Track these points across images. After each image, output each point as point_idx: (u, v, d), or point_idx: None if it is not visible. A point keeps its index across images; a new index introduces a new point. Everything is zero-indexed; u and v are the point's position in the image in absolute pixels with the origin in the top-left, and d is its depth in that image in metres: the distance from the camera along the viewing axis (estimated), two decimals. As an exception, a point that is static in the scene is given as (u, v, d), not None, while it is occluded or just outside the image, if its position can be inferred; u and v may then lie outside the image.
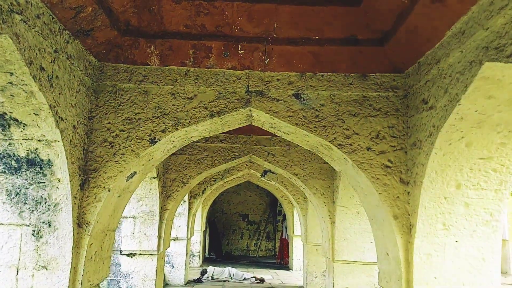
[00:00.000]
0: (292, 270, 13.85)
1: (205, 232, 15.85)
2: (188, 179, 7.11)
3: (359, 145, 3.69)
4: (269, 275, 12.64)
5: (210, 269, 11.28)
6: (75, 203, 3.43)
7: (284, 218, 15.55)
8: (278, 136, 7.27)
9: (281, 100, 3.76)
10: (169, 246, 7.48)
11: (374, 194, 3.74)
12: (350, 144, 3.70)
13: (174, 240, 10.16)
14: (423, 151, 3.40)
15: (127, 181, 3.89)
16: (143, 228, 6.75)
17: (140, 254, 6.76)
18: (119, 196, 3.93)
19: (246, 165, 10.37)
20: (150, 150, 3.77)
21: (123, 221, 6.75)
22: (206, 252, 17.06)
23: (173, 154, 7.17)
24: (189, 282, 10.53)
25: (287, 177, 7.75)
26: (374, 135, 3.69)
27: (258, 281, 11.09)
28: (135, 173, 3.94)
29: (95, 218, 3.55)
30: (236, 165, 10.25)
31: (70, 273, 3.37)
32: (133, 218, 6.75)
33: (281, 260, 15.02)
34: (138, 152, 3.66)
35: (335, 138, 3.73)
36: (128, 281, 6.67)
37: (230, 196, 18.40)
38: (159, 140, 3.69)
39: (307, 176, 7.21)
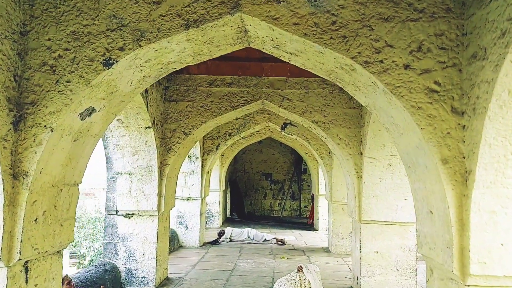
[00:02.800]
0: (317, 230, 13.04)
1: (225, 192, 15.15)
2: (190, 129, 6.18)
3: (393, 61, 2.62)
4: (292, 236, 11.87)
5: (228, 230, 10.57)
6: (5, 147, 2.55)
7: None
8: (295, 77, 6.18)
9: (283, 0, 2.68)
10: (173, 206, 6.68)
11: (414, 130, 2.71)
12: (381, 61, 2.64)
13: (188, 199, 9.42)
14: (489, 63, 2.31)
15: (82, 120, 2.97)
16: (141, 186, 5.94)
17: (138, 214, 5.98)
18: (74, 141, 3.02)
19: (264, 117, 9.40)
20: (107, 77, 2.80)
21: (117, 178, 5.95)
22: (228, 212, 16.45)
23: (171, 100, 6.22)
24: (205, 244, 9.86)
25: (306, 126, 6.70)
26: (415, 48, 2.61)
27: (279, 242, 10.32)
28: (93, 109, 3.01)
29: (36, 167, 2.67)
30: (252, 117, 9.28)
31: (1, 239, 2.55)
32: (129, 174, 5.94)
33: (312, 221, 14.15)
34: (89, 78, 2.71)
35: (359, 53, 2.66)
36: (127, 244, 5.95)
37: (252, 155, 17.55)
38: (117, 62, 2.72)
39: (329, 124, 6.15)
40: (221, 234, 10.46)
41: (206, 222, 13.05)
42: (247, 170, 17.61)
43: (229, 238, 10.43)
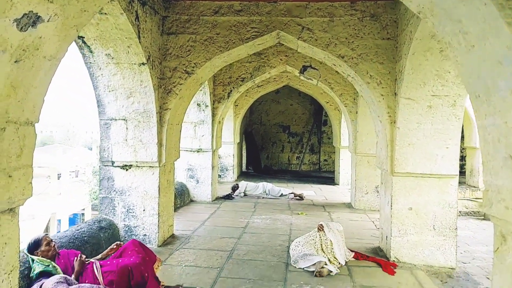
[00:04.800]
0: (338, 185, 12.28)
1: (240, 144, 14.40)
2: (193, 67, 5.29)
3: None
4: (311, 190, 11.15)
5: (242, 184, 9.87)
6: None
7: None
8: (317, 1, 5.14)
9: None
10: (178, 158, 5.91)
11: (498, 34, 1.82)
12: None
13: (198, 151, 8.68)
14: None
15: (22, 31, 2.11)
16: (138, 133, 5.16)
17: (137, 166, 5.24)
18: (16, 62, 2.19)
19: (280, 59, 8.42)
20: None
21: (111, 124, 5.16)
22: (243, 166, 15.78)
23: (170, 33, 5.29)
24: (217, 198, 9.21)
25: (330, 64, 5.73)
26: None
27: (297, 197, 9.60)
28: (37, 17, 2.15)
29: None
30: (267, 59, 8.31)
31: None
32: (124, 120, 5.14)
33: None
34: (14, -41, 1.82)
35: None
36: (125, 199, 5.26)
37: (268, 105, 16.59)
38: None
39: (358, 59, 5.16)
40: (235, 188, 9.79)
41: (220, 176, 12.42)
42: (263, 122, 16.73)
43: (244, 192, 9.75)
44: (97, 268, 3.68)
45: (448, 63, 4.59)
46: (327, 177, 14.09)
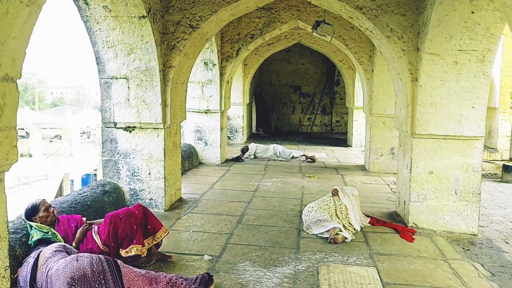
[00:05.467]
0: (351, 147, 11.97)
1: (249, 105, 14.02)
2: (198, 21, 4.89)
3: None
4: (323, 152, 10.86)
5: (252, 146, 9.59)
6: None
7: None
8: None
9: None
10: (184, 119, 5.61)
11: None
12: None
13: (206, 113, 8.37)
14: None
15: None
16: (141, 93, 4.84)
17: (140, 127, 4.97)
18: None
19: (292, 14, 7.93)
20: None
21: (112, 83, 4.85)
22: (253, 128, 15.48)
23: (173, -18, 4.86)
24: (227, 161, 8.98)
25: (346, 17, 5.28)
26: None
27: (308, 160, 9.33)
28: None
29: None
30: (278, 14, 7.83)
31: None
32: (125, 78, 4.82)
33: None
34: None
35: None
36: (129, 162, 5.03)
37: (279, 65, 16.05)
38: None
39: (378, 10, 4.71)
40: (244, 150, 9.54)
41: (229, 137, 12.17)
42: (273, 82, 16.26)
43: (254, 155, 9.50)
44: (94, 232, 3.50)
45: (478, 14, 4.13)
46: (340, 139, 13.76)
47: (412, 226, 4.82)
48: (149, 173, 5.04)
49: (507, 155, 11.11)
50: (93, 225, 3.59)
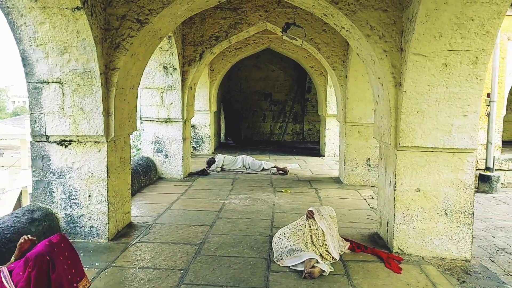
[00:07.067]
0: (324, 156, 11.40)
1: (217, 113, 13.27)
2: (147, 15, 4.14)
3: None
4: (296, 163, 10.23)
5: (219, 158, 8.84)
6: None
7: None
8: None
9: None
10: (134, 130, 4.82)
11: None
12: None
13: (166, 122, 7.58)
14: None
15: None
16: (78, 100, 4.04)
17: (78, 141, 4.16)
18: None
19: (260, 15, 7.29)
20: None
21: (42, 89, 4.02)
22: (222, 137, 14.71)
23: (116, -32, 4.10)
24: (190, 174, 8.18)
25: (320, 15, 4.66)
26: None
27: (280, 171, 8.66)
28: None
29: None
30: (244, 15, 7.18)
31: None
32: (59, 83, 4.01)
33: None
34: None
35: None
36: (65, 182, 4.20)
37: (249, 71, 15.39)
38: None
39: (356, 5, 4.10)
40: (210, 162, 8.77)
41: (195, 148, 11.37)
42: (243, 89, 15.57)
43: (221, 167, 8.74)
44: (5, 277, 2.68)
45: (472, 8, 3.57)
46: (312, 148, 13.19)
47: (397, 252, 4.20)
48: (89, 196, 4.22)
49: (483, 164, 10.78)
50: (2, 267, 2.76)
